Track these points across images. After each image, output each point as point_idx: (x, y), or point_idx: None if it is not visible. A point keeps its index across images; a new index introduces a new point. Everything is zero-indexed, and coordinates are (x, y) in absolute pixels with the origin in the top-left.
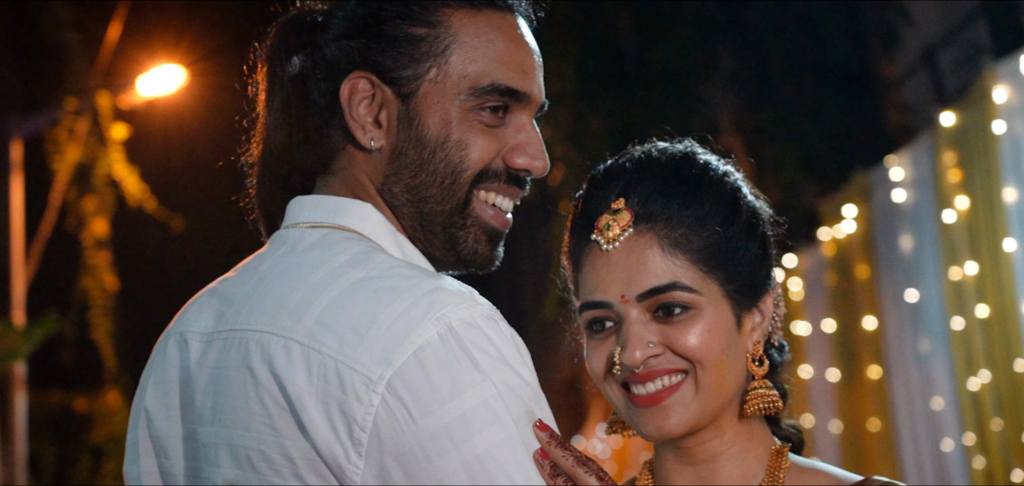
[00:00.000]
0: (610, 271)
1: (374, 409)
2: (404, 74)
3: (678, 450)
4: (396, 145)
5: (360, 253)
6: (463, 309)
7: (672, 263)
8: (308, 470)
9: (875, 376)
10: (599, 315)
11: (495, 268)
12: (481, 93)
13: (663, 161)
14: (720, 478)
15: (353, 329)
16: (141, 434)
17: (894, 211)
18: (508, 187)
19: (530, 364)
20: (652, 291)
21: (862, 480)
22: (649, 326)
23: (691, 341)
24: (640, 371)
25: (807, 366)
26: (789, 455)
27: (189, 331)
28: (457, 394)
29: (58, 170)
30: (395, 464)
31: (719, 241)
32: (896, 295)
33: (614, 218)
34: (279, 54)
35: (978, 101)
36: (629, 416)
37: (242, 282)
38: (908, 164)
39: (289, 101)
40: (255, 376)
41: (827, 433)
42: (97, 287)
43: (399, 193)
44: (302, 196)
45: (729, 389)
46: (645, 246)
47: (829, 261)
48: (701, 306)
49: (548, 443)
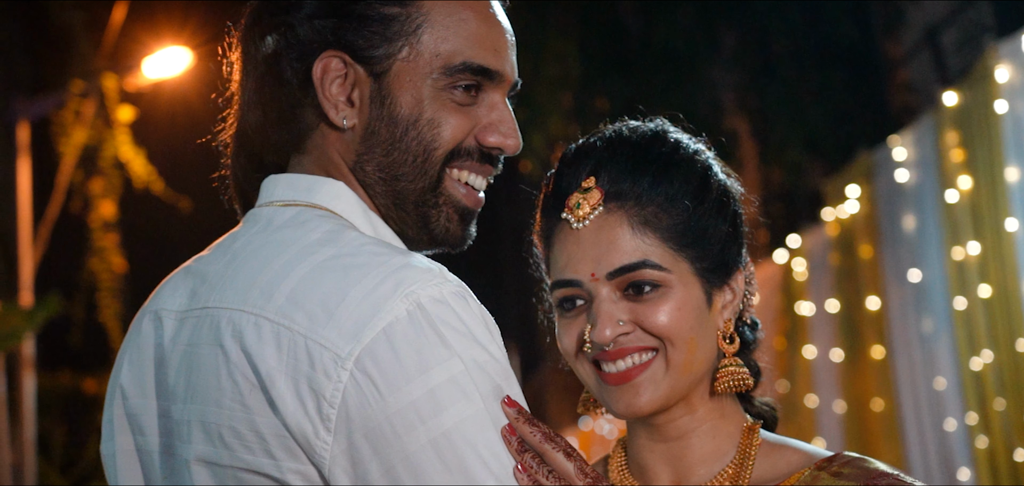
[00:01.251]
0: (580, 249)
1: (342, 385)
2: (376, 53)
3: (650, 428)
4: (368, 124)
5: (331, 231)
6: (432, 286)
7: (642, 241)
8: (278, 446)
9: (879, 356)
10: (570, 293)
11: (467, 247)
12: (453, 72)
13: (633, 140)
14: (691, 455)
15: (322, 306)
16: (116, 412)
17: (897, 191)
18: (481, 166)
19: (499, 341)
20: (622, 269)
21: (832, 455)
22: (619, 304)
23: (661, 319)
24: (610, 349)
25: (811, 346)
26: (760, 432)
27: (163, 309)
28: (425, 370)
29: (65, 152)
30: (363, 440)
31: (689, 219)
32: (899, 275)
33: (584, 196)
34: (253, 34)
35: (981, 81)
36: (600, 394)
37: (215, 260)
38: (911, 144)
39: (262, 81)
40: (226, 353)
41: (831, 413)
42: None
43: (371, 172)
44: (276, 175)
45: (699, 367)
46: (615, 224)
47: (833, 241)
48: (671, 284)
49: (516, 419)
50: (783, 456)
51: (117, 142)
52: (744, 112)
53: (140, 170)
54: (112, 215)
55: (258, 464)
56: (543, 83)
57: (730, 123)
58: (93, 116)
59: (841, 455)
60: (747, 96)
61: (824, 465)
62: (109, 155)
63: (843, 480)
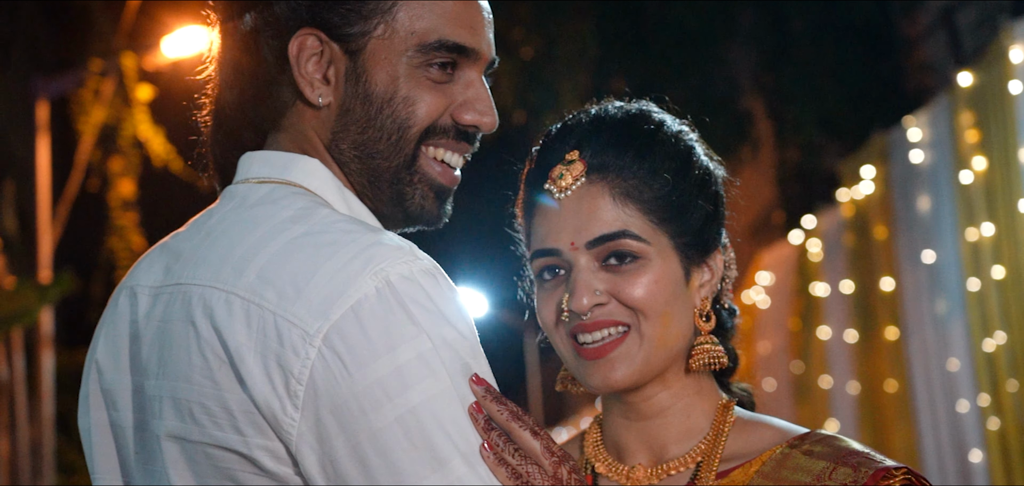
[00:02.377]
0: (561, 219)
1: (310, 362)
2: (352, 31)
3: (625, 404)
4: (344, 102)
5: (303, 209)
6: (402, 264)
7: (623, 212)
8: (246, 422)
9: (892, 337)
10: (549, 262)
11: (443, 225)
12: (428, 49)
13: (618, 117)
14: (666, 432)
15: (292, 283)
16: (92, 387)
17: (912, 172)
18: (457, 143)
19: (469, 319)
20: (602, 238)
21: (806, 432)
22: (598, 274)
23: (637, 292)
24: (587, 319)
25: (825, 327)
26: (735, 409)
27: (139, 285)
28: (392, 348)
29: (84, 131)
30: (330, 417)
31: (670, 193)
32: (913, 256)
33: (567, 168)
34: (231, 13)
35: (995, 61)
36: (577, 368)
37: (190, 237)
38: (926, 125)
39: (240, 59)
40: (197, 330)
41: (845, 394)
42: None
43: (347, 149)
44: (252, 152)
45: (674, 342)
46: (597, 195)
47: (848, 222)
48: (650, 256)
49: (483, 397)
50: (756, 432)
51: (136, 121)
52: (760, 92)
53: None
54: (131, 194)
55: (227, 440)
56: (559, 63)
57: (746, 103)
58: (112, 95)
59: (814, 433)
60: (763, 76)
61: (796, 442)
62: (128, 134)
63: (814, 458)
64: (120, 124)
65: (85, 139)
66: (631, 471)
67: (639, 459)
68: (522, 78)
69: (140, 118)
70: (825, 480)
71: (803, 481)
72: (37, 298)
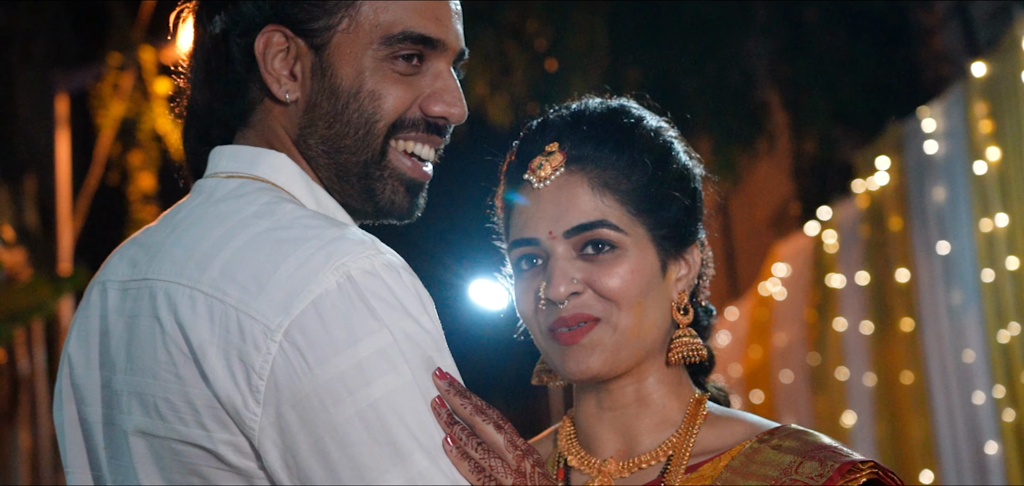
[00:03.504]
0: (540, 209)
1: (271, 357)
2: (316, 25)
3: (599, 396)
4: (310, 97)
5: (268, 204)
6: (363, 258)
7: (601, 201)
8: (210, 417)
9: (908, 328)
10: (527, 252)
11: (415, 218)
12: (393, 41)
13: (598, 111)
14: (638, 424)
15: (255, 279)
16: (64, 382)
17: (927, 163)
18: (427, 136)
19: (432, 313)
20: (579, 228)
21: (777, 427)
22: (574, 263)
23: (612, 283)
24: (564, 309)
25: (841, 319)
26: (708, 404)
27: (109, 280)
28: (353, 342)
29: (103, 125)
30: (292, 412)
31: (648, 186)
32: (928, 247)
33: (546, 159)
34: (202, 14)
35: (1010, 51)
36: (553, 355)
37: (158, 231)
38: (940, 115)
39: (209, 59)
40: (162, 325)
41: (861, 386)
42: None
43: (314, 145)
44: (221, 146)
45: (649, 333)
46: (575, 185)
47: (863, 213)
48: (627, 247)
49: (446, 391)
50: (728, 427)
51: (155, 114)
52: (776, 84)
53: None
54: (150, 187)
55: (191, 435)
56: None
57: (762, 95)
58: (131, 89)
59: (785, 427)
60: (779, 67)
61: (766, 437)
62: (147, 127)
63: (783, 452)
64: (139, 118)
65: (105, 133)
66: (603, 464)
67: (611, 452)
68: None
69: (159, 112)
70: (792, 474)
71: (770, 475)
72: (52, 291)
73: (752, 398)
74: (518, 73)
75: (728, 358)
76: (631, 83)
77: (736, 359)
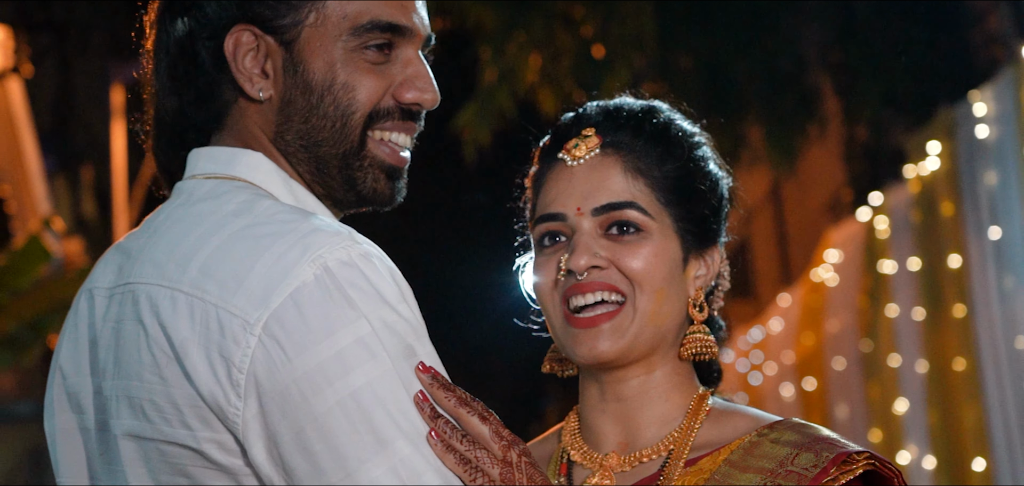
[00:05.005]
0: (571, 185)
1: (251, 351)
2: (284, 22)
3: (603, 387)
4: (284, 93)
5: (246, 202)
6: (340, 249)
7: (632, 184)
8: (194, 416)
9: (960, 315)
10: (553, 228)
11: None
12: (361, 31)
13: (635, 105)
14: (641, 416)
15: (233, 276)
16: (56, 392)
17: (978, 147)
18: (403, 123)
19: (411, 301)
20: (609, 206)
21: (778, 420)
22: (599, 241)
23: (636, 263)
24: (582, 278)
25: (893, 305)
26: (711, 399)
27: (95, 287)
28: (331, 333)
29: None
30: (273, 404)
31: (679, 178)
32: (980, 232)
33: (582, 140)
34: (164, 20)
35: None
36: (565, 337)
37: (140, 235)
38: (991, 99)
39: (175, 65)
40: (145, 328)
41: (913, 373)
42: None
43: (292, 140)
44: (199, 148)
45: (664, 322)
46: (609, 166)
47: (914, 198)
48: (652, 231)
49: (430, 384)
50: (730, 421)
51: None
52: (827, 69)
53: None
54: None
55: (177, 436)
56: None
57: (813, 80)
58: None
59: (787, 421)
60: (830, 51)
61: (766, 431)
62: None
63: (781, 444)
64: None
65: None
66: (604, 458)
67: (612, 446)
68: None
69: None
70: (787, 465)
71: (766, 467)
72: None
73: (804, 385)
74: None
75: (781, 345)
76: (680, 70)
77: (789, 346)
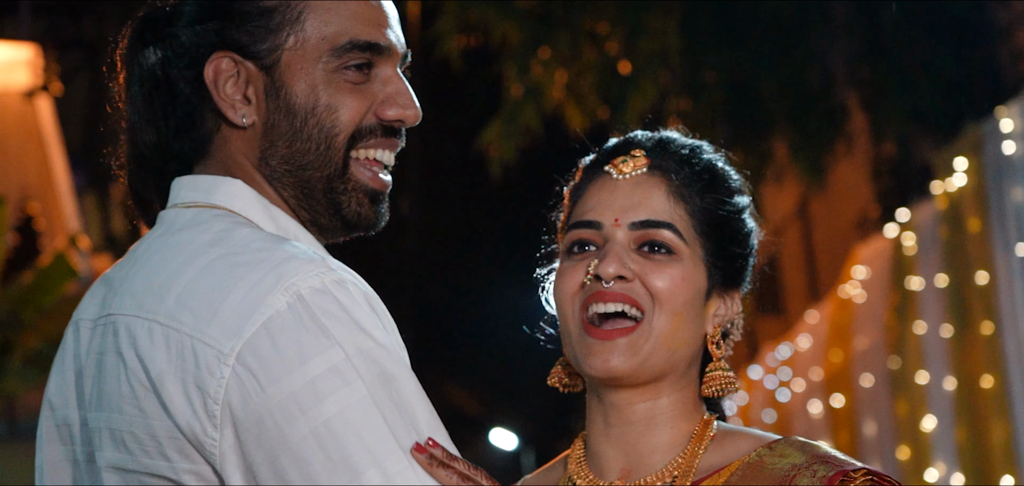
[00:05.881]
0: (613, 196)
1: (225, 381)
2: (263, 47)
3: (606, 413)
4: (267, 118)
5: (223, 230)
6: (313, 276)
7: (673, 208)
8: (172, 448)
9: (987, 332)
10: (585, 235)
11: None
12: (341, 52)
13: (684, 140)
14: (646, 443)
15: (207, 306)
16: (45, 425)
17: (1005, 163)
18: (386, 140)
19: (388, 325)
20: (647, 223)
21: (780, 438)
22: (631, 254)
23: (661, 282)
24: (608, 286)
25: (921, 322)
26: (715, 423)
27: (81, 319)
28: (305, 361)
29: None
30: (248, 435)
31: (717, 212)
32: (1007, 248)
33: (631, 158)
34: (136, 52)
35: None
36: (579, 346)
37: (122, 266)
38: (1018, 115)
39: (151, 97)
40: (124, 360)
41: (941, 390)
42: None
43: (277, 166)
44: (181, 177)
45: (677, 348)
46: (654, 185)
47: (941, 215)
48: (683, 256)
49: (428, 463)
50: (733, 443)
51: None
52: (854, 85)
53: None
54: None
55: (156, 467)
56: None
57: (840, 96)
58: None
59: (788, 439)
60: (857, 68)
61: (765, 451)
62: None
63: (783, 462)
64: None
65: None
66: None
67: (616, 473)
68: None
69: None
70: (788, 482)
71: (767, 483)
72: None
73: (832, 402)
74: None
75: (809, 362)
76: (706, 85)
77: (817, 362)
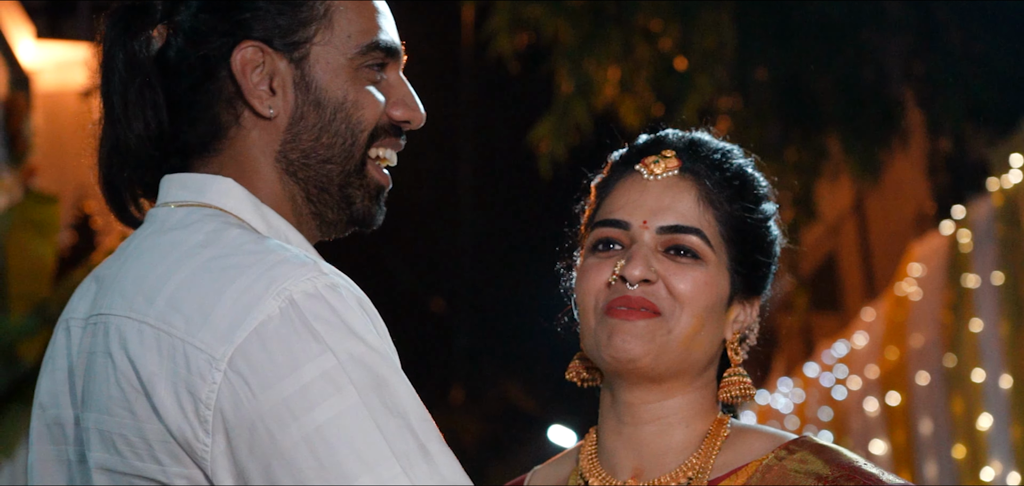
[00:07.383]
0: (642, 197)
1: (217, 386)
2: (292, 39)
3: (619, 412)
4: (295, 111)
5: (214, 231)
6: (305, 280)
7: (702, 213)
8: (163, 451)
9: None
10: (611, 234)
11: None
12: (367, 51)
13: (715, 143)
14: (659, 443)
15: (199, 309)
16: (35, 424)
17: None
18: (396, 140)
19: (381, 330)
20: (676, 228)
21: (796, 439)
22: (656, 256)
23: (684, 285)
24: (633, 291)
25: (977, 320)
26: (730, 422)
27: (72, 318)
28: (296, 367)
29: None
30: (240, 441)
31: (745, 220)
32: None
33: (662, 158)
34: (121, 41)
35: None
36: (600, 328)
37: (111, 264)
38: None
39: (144, 87)
40: (114, 361)
41: (997, 388)
42: None
43: (296, 159)
44: (170, 175)
45: (694, 350)
46: (684, 189)
47: (998, 211)
48: (708, 262)
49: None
50: (747, 442)
51: None
52: (909, 81)
53: None
54: None
55: (147, 470)
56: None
57: (895, 92)
58: None
59: (806, 441)
60: (912, 64)
61: (783, 453)
62: None
63: (806, 463)
64: None
65: None
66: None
67: (629, 472)
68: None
69: None
70: None
71: None
72: None
73: (888, 400)
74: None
75: (865, 359)
76: (760, 83)
77: (873, 360)
